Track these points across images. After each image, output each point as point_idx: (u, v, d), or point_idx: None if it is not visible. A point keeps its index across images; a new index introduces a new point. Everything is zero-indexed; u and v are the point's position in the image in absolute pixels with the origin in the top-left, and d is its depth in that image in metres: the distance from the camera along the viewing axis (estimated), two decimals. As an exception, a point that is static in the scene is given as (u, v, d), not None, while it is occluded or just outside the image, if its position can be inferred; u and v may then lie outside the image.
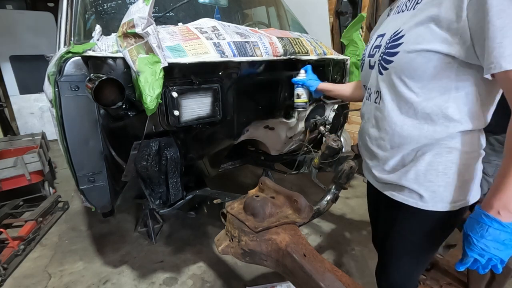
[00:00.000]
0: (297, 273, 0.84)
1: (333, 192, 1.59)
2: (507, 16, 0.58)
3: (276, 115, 1.79)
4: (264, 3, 2.47)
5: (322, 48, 1.77)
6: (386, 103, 0.83)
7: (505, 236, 0.65)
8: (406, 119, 0.79)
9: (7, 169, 2.32)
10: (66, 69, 1.11)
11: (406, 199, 0.85)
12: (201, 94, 1.38)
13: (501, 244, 0.65)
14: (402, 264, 0.97)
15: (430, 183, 0.80)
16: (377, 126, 0.88)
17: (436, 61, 0.71)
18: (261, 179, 1.16)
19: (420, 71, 0.74)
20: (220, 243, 1.02)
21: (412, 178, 0.82)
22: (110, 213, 1.50)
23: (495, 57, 0.61)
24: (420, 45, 0.72)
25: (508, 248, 0.66)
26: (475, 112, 0.73)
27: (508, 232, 0.65)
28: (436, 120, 0.75)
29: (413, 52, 0.73)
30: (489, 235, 0.66)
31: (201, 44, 1.33)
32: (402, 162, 0.84)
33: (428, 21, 0.71)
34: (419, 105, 0.76)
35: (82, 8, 1.58)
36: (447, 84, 0.72)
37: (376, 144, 0.90)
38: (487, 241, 0.66)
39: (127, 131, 1.32)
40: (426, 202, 0.81)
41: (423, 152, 0.79)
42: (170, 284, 1.75)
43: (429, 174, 0.80)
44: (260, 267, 1.60)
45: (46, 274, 1.83)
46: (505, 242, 0.65)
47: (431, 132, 0.77)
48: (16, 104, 4.45)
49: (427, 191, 0.80)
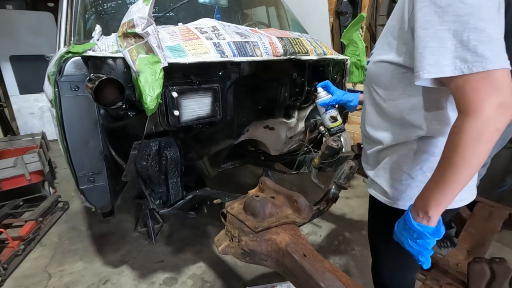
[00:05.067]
0: (297, 273, 0.84)
1: (333, 192, 1.59)
2: (430, 27, 0.61)
3: (276, 115, 1.79)
4: (264, 3, 2.47)
5: (322, 48, 1.77)
6: (367, 106, 0.91)
7: (417, 236, 0.70)
8: (382, 122, 0.85)
9: (7, 169, 2.31)
10: (66, 69, 1.11)
11: (377, 194, 0.90)
12: (201, 94, 1.38)
13: (413, 242, 0.71)
14: (388, 261, 0.99)
15: (394, 180, 0.84)
16: (363, 125, 0.95)
17: (392, 71, 0.76)
18: (261, 179, 1.16)
19: (382, 80, 0.80)
20: (220, 243, 1.02)
21: (381, 175, 0.88)
22: (110, 213, 1.50)
23: (417, 66, 0.64)
24: (379, 56, 0.80)
25: (421, 246, 0.70)
26: (441, 119, 0.73)
27: (417, 232, 0.69)
28: (402, 124, 0.79)
29: (375, 63, 0.82)
30: (406, 232, 0.72)
31: (201, 44, 1.33)
32: (377, 160, 0.90)
33: (387, 32, 0.77)
34: (388, 110, 0.82)
35: (82, 8, 1.58)
36: (406, 92, 0.75)
37: (364, 141, 0.97)
38: (402, 236, 0.74)
39: (127, 131, 1.32)
40: (390, 199, 0.86)
41: (393, 152, 0.84)
42: (170, 284, 1.75)
43: (395, 172, 0.84)
44: (260, 267, 1.60)
45: (46, 274, 1.83)
46: (417, 240, 0.70)
47: (397, 135, 0.81)
48: (16, 104, 4.45)
49: (391, 188, 0.85)
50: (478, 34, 0.56)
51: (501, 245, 1.96)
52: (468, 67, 0.57)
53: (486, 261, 0.98)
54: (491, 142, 0.58)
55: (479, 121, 0.57)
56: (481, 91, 0.57)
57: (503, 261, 0.98)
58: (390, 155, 0.84)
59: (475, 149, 0.59)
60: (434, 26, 0.60)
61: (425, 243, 0.69)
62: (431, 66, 0.61)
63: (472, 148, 0.59)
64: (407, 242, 0.72)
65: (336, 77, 1.91)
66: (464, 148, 0.59)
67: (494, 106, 0.56)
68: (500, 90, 0.56)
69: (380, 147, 0.87)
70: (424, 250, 0.70)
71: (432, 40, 0.61)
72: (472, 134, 0.58)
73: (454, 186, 0.63)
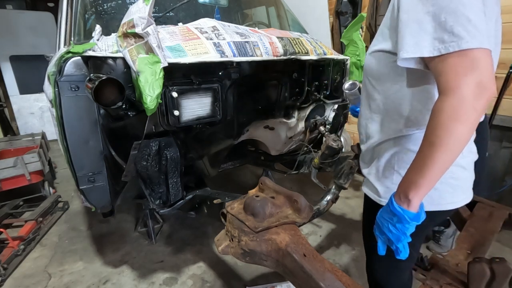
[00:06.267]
0: (297, 273, 0.84)
1: (333, 192, 1.59)
2: (412, 11, 0.63)
3: (276, 115, 1.79)
4: (264, 3, 2.47)
5: (322, 48, 1.77)
6: (362, 100, 0.93)
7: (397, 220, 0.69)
8: (373, 115, 0.86)
9: (7, 169, 2.31)
10: (66, 69, 1.11)
11: (369, 192, 0.91)
12: (201, 94, 1.38)
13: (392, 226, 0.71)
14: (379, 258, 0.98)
15: (385, 179, 0.85)
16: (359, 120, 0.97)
17: (384, 60, 0.76)
18: (261, 179, 1.16)
19: (376, 71, 0.82)
20: (220, 243, 1.02)
21: (373, 173, 0.88)
22: (110, 213, 1.50)
23: (398, 48, 0.66)
24: (374, 46, 0.81)
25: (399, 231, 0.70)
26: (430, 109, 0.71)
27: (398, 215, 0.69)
28: (393, 117, 0.80)
29: (370, 54, 0.83)
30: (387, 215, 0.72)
31: (201, 44, 1.32)
32: (371, 158, 0.90)
33: (383, 25, 0.78)
34: (381, 102, 0.83)
35: (82, 8, 1.58)
36: (396, 81, 0.76)
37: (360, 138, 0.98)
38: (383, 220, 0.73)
39: (127, 131, 1.32)
40: (380, 197, 0.86)
41: (385, 150, 0.84)
42: (170, 284, 1.75)
43: (386, 170, 0.84)
44: (260, 267, 1.59)
45: (46, 274, 1.83)
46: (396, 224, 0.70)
47: (387, 127, 0.82)
48: (16, 104, 4.44)
49: (382, 186, 0.85)
50: (455, 16, 0.58)
51: (501, 245, 1.96)
52: (445, 47, 0.59)
53: (486, 261, 0.98)
54: (469, 122, 0.58)
55: (455, 100, 0.58)
56: (458, 71, 0.58)
57: (503, 261, 0.97)
58: (383, 153, 0.85)
59: (452, 128, 0.58)
60: (415, 10, 0.62)
61: (403, 227, 0.69)
62: (410, 46, 0.63)
63: (449, 127, 0.59)
64: (386, 226, 0.72)
65: (336, 77, 1.91)
66: (440, 128, 0.60)
67: (471, 85, 0.56)
68: (478, 69, 0.57)
69: (372, 142, 0.87)
70: (402, 235, 0.70)
71: (413, 22, 0.63)
72: (449, 113, 0.58)
73: (432, 168, 0.63)
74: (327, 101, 1.91)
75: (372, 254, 1.03)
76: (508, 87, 2.05)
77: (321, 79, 1.82)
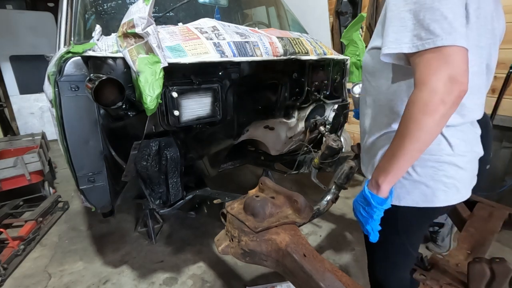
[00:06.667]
0: (297, 273, 0.84)
1: (333, 192, 1.59)
2: (396, 9, 0.66)
3: (276, 115, 1.78)
4: (264, 3, 2.47)
5: (322, 48, 1.77)
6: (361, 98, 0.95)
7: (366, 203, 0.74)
8: (369, 110, 0.89)
9: (7, 169, 2.31)
10: (66, 69, 1.11)
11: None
12: (201, 94, 1.38)
13: (363, 209, 0.76)
14: (380, 258, 1.01)
15: None
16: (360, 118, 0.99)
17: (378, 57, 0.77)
18: (261, 179, 1.16)
19: (371, 67, 0.85)
20: (220, 243, 1.02)
21: (370, 170, 0.90)
22: (110, 213, 1.50)
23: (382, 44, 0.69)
24: (370, 44, 0.84)
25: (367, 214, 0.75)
26: None
27: (367, 199, 0.73)
28: (385, 112, 0.82)
29: (368, 51, 0.86)
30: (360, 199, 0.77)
31: (201, 44, 1.32)
32: (370, 157, 0.91)
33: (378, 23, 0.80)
34: (376, 97, 0.85)
35: (82, 8, 1.58)
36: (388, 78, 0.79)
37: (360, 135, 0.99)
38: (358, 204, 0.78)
39: (127, 131, 1.32)
40: None
41: (380, 145, 0.85)
42: (170, 284, 1.75)
43: None
44: (260, 267, 1.59)
45: (46, 274, 1.83)
46: (366, 207, 0.75)
47: (379, 123, 0.84)
48: (16, 104, 4.44)
49: None
50: (432, 13, 0.60)
51: (501, 245, 1.96)
52: (422, 44, 0.61)
53: (486, 261, 0.98)
54: (437, 114, 0.60)
55: (424, 92, 0.60)
56: (431, 66, 0.60)
57: (503, 261, 0.97)
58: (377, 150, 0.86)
59: (420, 120, 0.61)
60: (399, 8, 0.65)
61: (371, 211, 0.73)
62: (392, 42, 0.66)
63: (417, 119, 0.62)
64: (358, 210, 0.77)
65: (336, 77, 1.91)
66: (409, 120, 0.63)
67: (442, 79, 0.59)
68: (450, 64, 0.59)
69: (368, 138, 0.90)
70: (369, 218, 0.74)
71: (396, 20, 0.66)
72: (418, 105, 0.61)
73: (400, 156, 0.66)
74: (327, 101, 1.91)
75: (373, 254, 1.03)
76: (508, 87, 2.05)
77: (321, 79, 1.82)
